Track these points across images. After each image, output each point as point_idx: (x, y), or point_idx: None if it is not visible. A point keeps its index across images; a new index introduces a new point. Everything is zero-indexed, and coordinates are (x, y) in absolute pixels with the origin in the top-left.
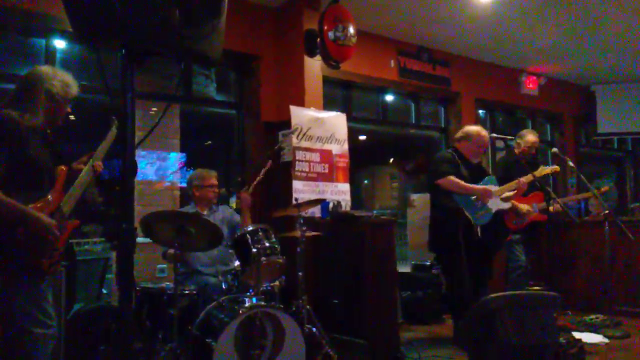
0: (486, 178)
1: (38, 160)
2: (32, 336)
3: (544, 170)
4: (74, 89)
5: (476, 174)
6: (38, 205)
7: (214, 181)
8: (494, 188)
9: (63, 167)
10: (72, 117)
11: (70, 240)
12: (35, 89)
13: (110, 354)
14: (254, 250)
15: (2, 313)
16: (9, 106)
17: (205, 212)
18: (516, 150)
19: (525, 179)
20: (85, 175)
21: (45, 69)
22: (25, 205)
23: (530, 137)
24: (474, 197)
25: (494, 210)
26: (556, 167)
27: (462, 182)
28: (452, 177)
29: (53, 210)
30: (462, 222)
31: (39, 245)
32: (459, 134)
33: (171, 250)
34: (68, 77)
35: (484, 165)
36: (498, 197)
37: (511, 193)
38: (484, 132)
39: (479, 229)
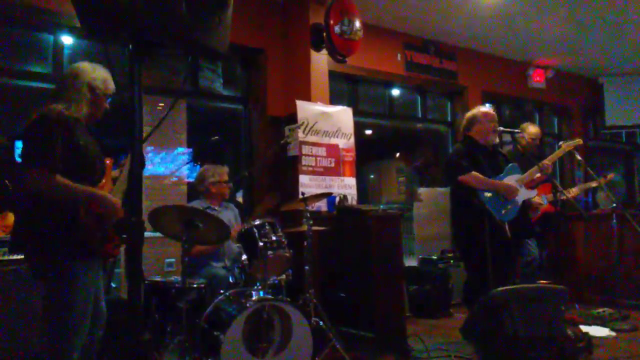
0: (509, 166)
1: (88, 150)
2: (82, 315)
3: (568, 146)
4: (112, 84)
5: (496, 162)
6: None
7: (227, 177)
8: (517, 177)
9: (109, 160)
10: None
11: None
12: (78, 83)
13: (119, 346)
14: (261, 244)
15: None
16: (53, 102)
17: (217, 208)
18: (520, 144)
19: (548, 161)
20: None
21: (85, 64)
22: None
23: (532, 129)
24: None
25: (520, 202)
26: (579, 140)
27: (486, 178)
28: (475, 173)
29: None
30: (488, 220)
31: (102, 227)
32: (465, 124)
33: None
34: (106, 73)
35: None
36: (523, 186)
37: (537, 175)
38: (485, 107)
39: (506, 226)
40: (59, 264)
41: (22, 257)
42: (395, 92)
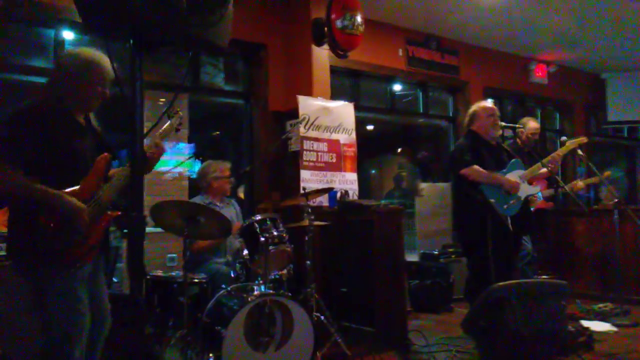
0: (512, 161)
1: (68, 148)
2: (69, 322)
3: (571, 144)
4: (99, 68)
5: (499, 157)
6: (66, 191)
7: (229, 172)
8: (520, 172)
9: (106, 155)
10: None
11: None
12: (59, 73)
13: (121, 340)
14: (262, 239)
15: (38, 299)
16: (41, 94)
17: (218, 204)
18: (519, 139)
19: (558, 153)
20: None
21: (70, 51)
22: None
23: (532, 124)
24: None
25: (523, 197)
26: (584, 139)
27: (488, 172)
28: (477, 167)
29: (85, 199)
30: (490, 214)
31: (64, 232)
32: (467, 119)
33: None
34: (88, 56)
35: None
36: (525, 182)
37: (543, 170)
38: (485, 102)
39: (509, 221)
40: (26, 270)
41: None
42: (397, 87)
